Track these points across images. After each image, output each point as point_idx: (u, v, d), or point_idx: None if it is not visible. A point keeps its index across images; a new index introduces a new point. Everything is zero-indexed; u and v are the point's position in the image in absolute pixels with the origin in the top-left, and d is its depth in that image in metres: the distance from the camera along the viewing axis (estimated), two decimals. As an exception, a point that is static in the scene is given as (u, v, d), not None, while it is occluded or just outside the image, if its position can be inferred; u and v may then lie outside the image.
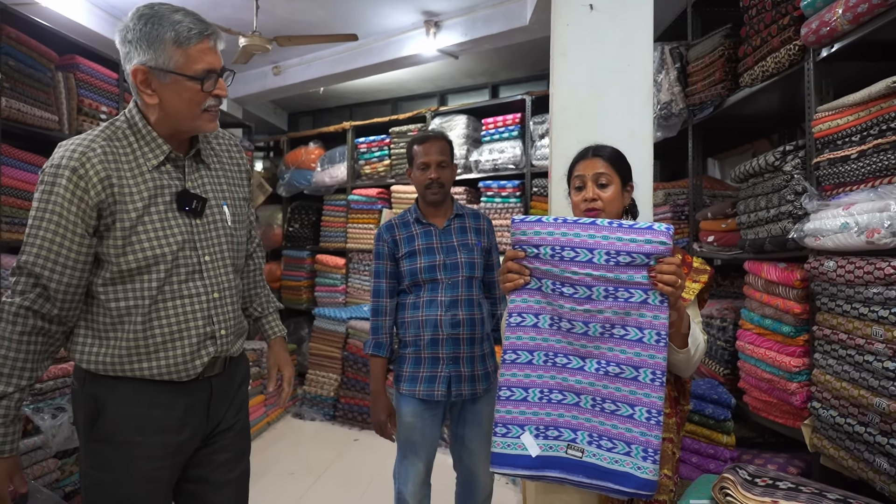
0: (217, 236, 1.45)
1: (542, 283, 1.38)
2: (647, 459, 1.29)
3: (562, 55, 2.15)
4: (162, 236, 1.35)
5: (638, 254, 1.30)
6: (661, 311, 1.31)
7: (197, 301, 1.41)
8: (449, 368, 2.12)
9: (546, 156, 4.26)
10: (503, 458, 1.37)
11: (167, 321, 1.37)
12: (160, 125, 1.38)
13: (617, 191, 1.55)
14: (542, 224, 1.36)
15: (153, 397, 1.38)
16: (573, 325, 1.36)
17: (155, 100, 1.34)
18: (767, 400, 2.13)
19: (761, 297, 2.16)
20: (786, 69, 2.05)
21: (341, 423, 4.60)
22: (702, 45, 2.68)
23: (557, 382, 1.38)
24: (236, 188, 1.56)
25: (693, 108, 2.81)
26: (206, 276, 1.42)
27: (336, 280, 5.43)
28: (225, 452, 1.52)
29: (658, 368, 1.30)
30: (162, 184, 1.38)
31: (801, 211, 1.92)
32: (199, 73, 1.32)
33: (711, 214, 2.65)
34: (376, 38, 4.83)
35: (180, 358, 1.39)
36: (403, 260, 2.17)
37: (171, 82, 1.32)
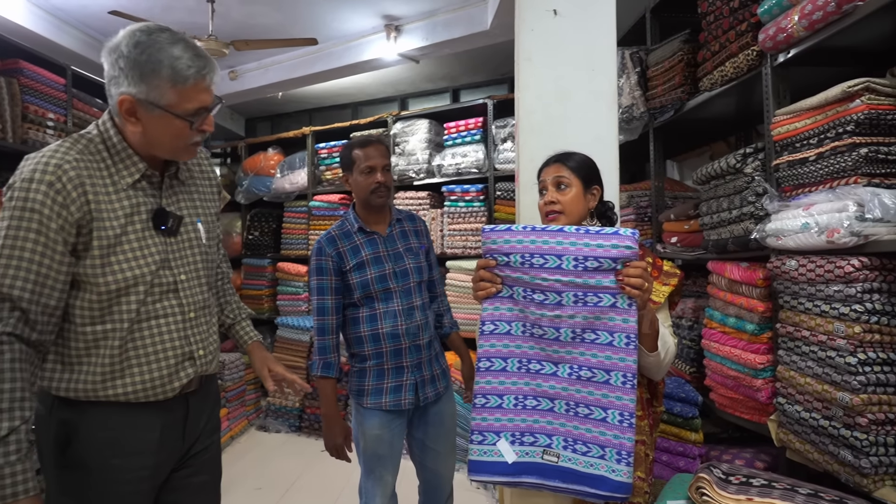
0: (192, 254, 1.41)
1: (513, 290, 1.40)
2: (621, 462, 1.30)
3: (527, 60, 2.16)
4: (140, 256, 1.30)
5: (605, 258, 1.33)
6: (630, 314, 1.33)
7: (173, 321, 1.36)
8: (414, 375, 2.11)
9: (509, 160, 4.28)
10: (480, 466, 1.38)
11: (142, 343, 1.31)
12: (138, 147, 1.32)
13: (577, 193, 1.57)
14: (511, 232, 1.39)
15: (129, 418, 1.32)
16: (545, 332, 1.38)
17: (138, 128, 1.28)
18: (733, 397, 2.18)
19: (725, 297, 2.21)
20: (744, 74, 2.10)
21: (307, 434, 4.52)
22: (661, 50, 2.73)
23: (532, 388, 1.39)
24: (209, 203, 1.51)
25: (654, 112, 2.86)
26: (182, 296, 1.38)
27: (298, 288, 5.33)
28: (201, 475, 1.47)
29: (629, 371, 1.33)
30: (138, 202, 1.32)
31: (763, 212, 1.97)
32: (190, 112, 1.27)
33: (674, 216, 2.70)
34: (336, 43, 4.78)
35: (157, 381, 1.33)
36: (352, 273, 2.09)
37: (158, 116, 1.26)
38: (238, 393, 4.55)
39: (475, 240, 4.36)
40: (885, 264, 1.55)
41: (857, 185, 1.58)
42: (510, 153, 4.28)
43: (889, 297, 1.55)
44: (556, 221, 1.55)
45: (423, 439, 2.21)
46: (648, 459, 1.53)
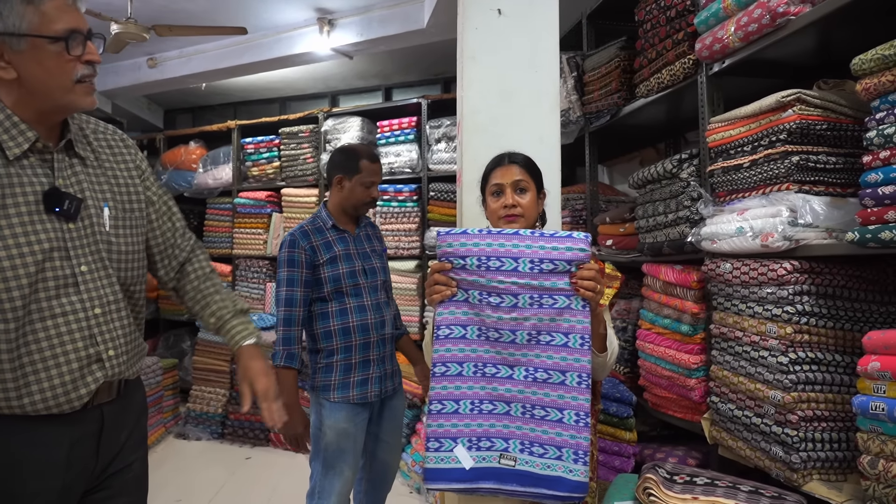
0: (95, 242, 1.23)
1: (468, 294, 1.39)
2: (578, 462, 1.31)
3: (471, 59, 2.13)
4: (23, 243, 1.12)
5: (560, 261, 1.34)
6: (584, 315, 1.36)
7: (74, 319, 1.19)
8: (379, 368, 2.20)
9: (443, 160, 4.26)
10: (437, 473, 1.36)
11: (37, 346, 1.15)
12: (21, 107, 1.15)
13: (533, 197, 1.59)
14: (467, 236, 1.39)
15: (30, 435, 1.16)
16: (501, 335, 1.38)
17: (11, 73, 1.12)
18: (667, 396, 2.24)
19: (660, 298, 2.26)
20: (680, 81, 2.16)
21: (231, 441, 4.33)
22: (598, 56, 2.78)
23: (488, 393, 1.38)
24: (123, 189, 1.33)
25: (590, 117, 2.91)
26: (84, 290, 1.20)
27: (222, 289, 5.10)
28: (120, 498, 1.31)
29: (584, 371, 1.34)
30: (20, 180, 1.15)
31: (698, 216, 2.03)
32: (60, 32, 1.12)
33: (609, 219, 2.75)
34: (265, 34, 4.59)
35: (59, 389, 1.17)
36: (324, 266, 2.16)
37: (28, 48, 1.11)
38: (155, 399, 4.30)
39: (408, 240, 4.31)
40: (813, 268, 1.62)
41: (789, 191, 1.65)
42: (444, 154, 4.26)
43: (817, 299, 1.62)
44: (515, 224, 1.54)
45: (378, 433, 2.30)
46: (594, 458, 1.54)
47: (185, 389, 4.75)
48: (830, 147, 1.66)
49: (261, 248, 4.94)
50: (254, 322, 1.57)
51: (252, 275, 4.97)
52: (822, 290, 1.62)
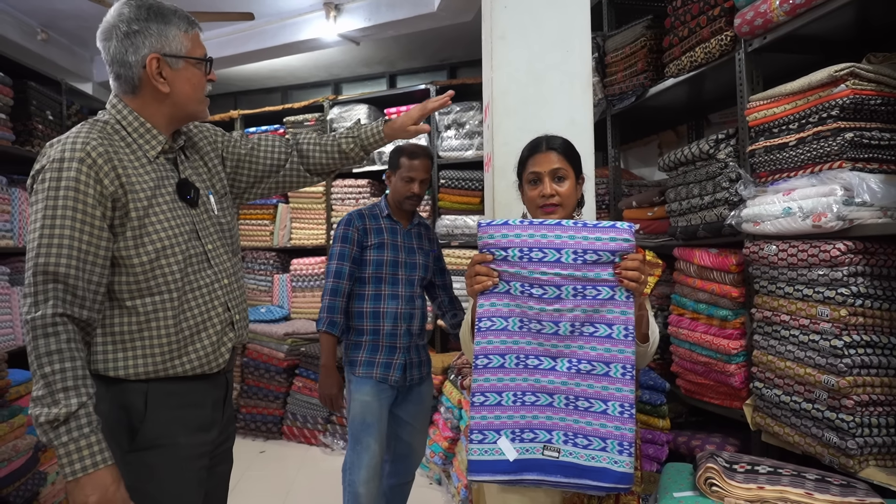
0: (212, 224, 1.45)
1: (510, 285, 1.38)
2: (623, 453, 1.29)
3: (501, 38, 2.06)
4: (175, 225, 1.34)
5: (604, 251, 1.33)
6: (628, 306, 1.34)
7: (214, 289, 1.40)
8: (404, 357, 2.30)
9: (453, 147, 4.19)
10: (481, 465, 1.35)
11: (192, 313, 1.35)
12: (155, 117, 1.37)
13: (572, 184, 1.54)
14: (508, 227, 1.37)
15: (185, 395, 1.35)
16: (543, 326, 1.36)
17: (167, 88, 1.34)
18: (703, 382, 2.19)
19: (694, 283, 2.21)
20: (716, 59, 2.10)
21: (243, 435, 4.27)
22: (622, 36, 2.71)
23: (530, 384, 1.37)
24: (216, 175, 1.54)
25: (612, 98, 2.84)
26: (214, 264, 1.42)
27: (228, 281, 5.03)
28: (224, 464, 1.51)
29: (628, 363, 1.33)
30: (163, 174, 1.37)
31: (737, 197, 1.97)
32: (202, 56, 1.39)
33: (636, 203, 2.69)
34: (269, 20, 4.49)
35: (210, 348, 1.37)
36: (371, 249, 2.31)
37: (182, 69, 1.35)
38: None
39: (419, 229, 4.26)
40: (868, 248, 1.57)
41: (842, 169, 1.60)
42: (454, 140, 4.19)
43: (872, 281, 1.57)
44: (554, 214, 1.51)
45: (402, 415, 2.38)
46: (637, 448, 1.51)
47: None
48: (884, 123, 1.60)
49: (267, 240, 4.88)
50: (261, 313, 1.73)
51: (259, 266, 4.90)
52: (878, 270, 1.58)
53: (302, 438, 4.11)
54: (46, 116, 3.63)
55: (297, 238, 4.76)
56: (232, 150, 1.60)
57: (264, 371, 4.26)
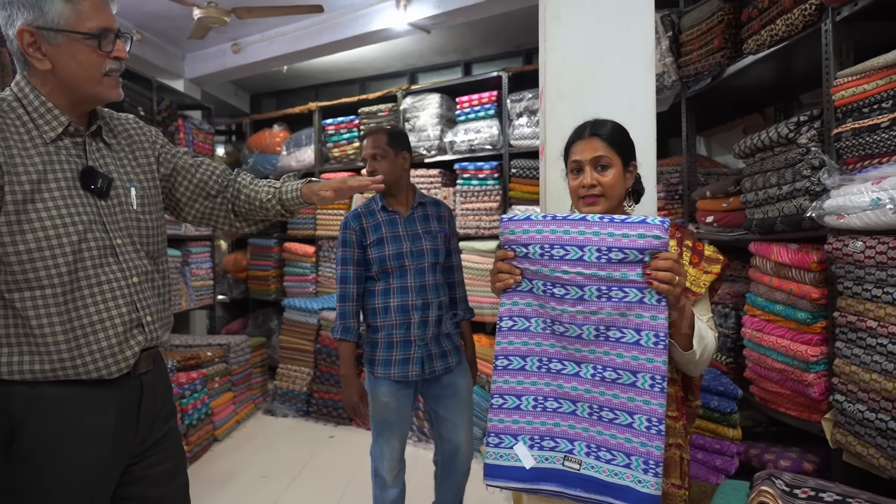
0: (125, 219, 1.33)
1: (533, 284, 1.30)
2: (648, 472, 1.18)
3: (555, 18, 1.94)
4: (65, 214, 1.21)
5: (631, 249, 1.20)
6: (659, 310, 1.21)
7: (117, 287, 1.28)
8: (421, 349, 2.22)
9: (525, 135, 4.07)
10: (496, 470, 1.30)
11: (86, 311, 1.24)
12: (55, 96, 1.25)
13: (618, 173, 1.39)
14: (530, 222, 1.29)
15: (81, 401, 1.24)
16: (566, 329, 1.27)
17: (47, 65, 1.22)
18: (778, 391, 2.00)
19: (770, 281, 2.01)
20: (799, 32, 1.88)
21: (315, 419, 4.38)
22: (698, 12, 2.50)
23: (552, 389, 1.29)
24: (145, 171, 1.43)
25: (687, 80, 2.64)
26: (122, 260, 1.30)
27: (306, 269, 5.18)
28: (165, 463, 1.40)
29: (658, 373, 1.20)
30: (59, 158, 1.24)
31: (820, 187, 1.76)
32: (93, 30, 1.22)
33: (710, 193, 2.49)
34: (342, 12, 4.53)
35: (108, 351, 1.25)
36: (371, 247, 2.24)
37: (63, 43, 1.21)
38: (244, 377, 4.42)
39: (489, 220, 4.18)
40: (973, 246, 1.35)
41: (943, 154, 1.38)
42: (526, 129, 4.07)
43: (978, 284, 1.35)
44: (596, 206, 1.38)
45: (438, 409, 2.33)
46: (684, 463, 1.38)
47: (272, 367, 4.87)
48: None
49: (342, 229, 4.97)
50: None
51: (334, 255, 4.99)
52: None
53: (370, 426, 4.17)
54: (138, 112, 3.86)
55: (370, 227, 4.82)
56: (170, 157, 1.50)
57: (335, 358, 4.34)
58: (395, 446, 2.28)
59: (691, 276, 1.37)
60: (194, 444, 3.57)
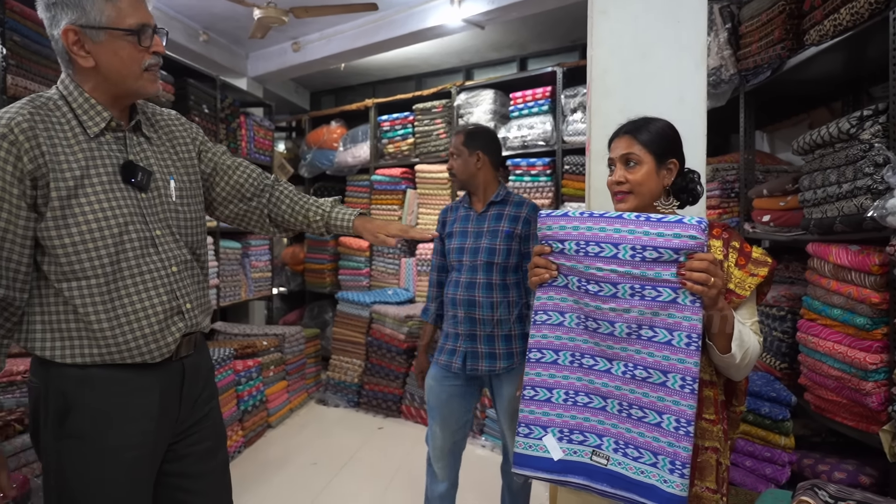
0: (164, 211, 1.39)
1: (568, 279, 1.32)
2: (675, 473, 1.17)
3: (602, 13, 1.91)
4: (107, 208, 1.27)
5: (665, 249, 1.19)
6: (693, 311, 1.19)
7: (157, 276, 1.34)
8: (465, 344, 2.24)
9: (579, 131, 4.02)
10: (525, 459, 1.33)
11: (129, 299, 1.30)
12: (98, 92, 1.30)
13: (649, 171, 1.39)
14: (567, 219, 1.31)
15: (127, 383, 1.31)
16: (599, 325, 1.28)
17: (90, 62, 1.26)
18: (834, 399, 1.90)
19: (829, 284, 1.91)
20: (864, 21, 1.78)
21: (365, 411, 4.48)
22: (758, 2, 2.40)
23: (584, 384, 1.31)
24: (185, 164, 1.48)
25: (745, 74, 2.54)
26: (162, 251, 1.36)
27: (360, 263, 5.28)
28: (205, 442, 1.46)
29: (688, 374, 1.19)
30: (101, 153, 1.29)
31: (883, 185, 1.67)
32: (133, 26, 1.26)
33: (768, 191, 2.39)
34: (398, 10, 4.59)
35: (150, 337, 1.31)
36: (448, 239, 2.37)
37: (106, 40, 1.25)
38: (298, 366, 4.55)
39: (541, 216, 4.14)
40: None
41: None
42: (580, 124, 4.01)
43: None
44: (625, 202, 1.40)
45: (496, 409, 2.35)
46: (721, 468, 1.34)
47: (326, 358, 4.99)
48: None
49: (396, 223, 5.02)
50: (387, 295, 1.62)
51: (387, 250, 5.08)
52: None
53: (419, 419, 4.22)
54: (203, 109, 4.03)
55: (423, 223, 4.86)
56: (211, 155, 1.56)
57: (386, 351, 4.42)
58: (436, 433, 2.31)
59: (736, 279, 1.34)
60: (249, 429, 3.71)
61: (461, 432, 2.34)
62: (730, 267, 1.35)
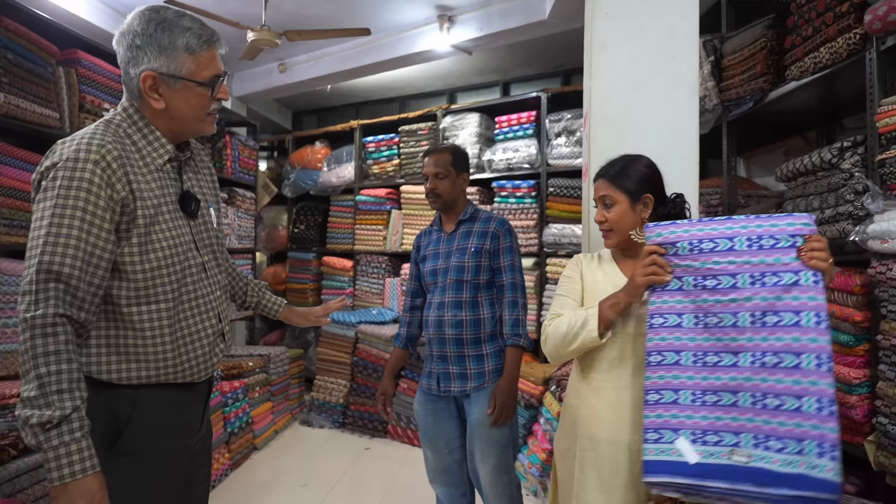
0: (209, 237, 1.46)
1: (682, 281, 1.34)
2: (824, 456, 1.14)
3: (601, 46, 2.02)
4: (175, 235, 1.34)
5: (782, 235, 1.26)
6: (818, 291, 1.23)
7: (207, 300, 1.41)
8: (438, 365, 2.23)
9: (563, 155, 4.14)
10: (658, 466, 1.27)
11: (187, 322, 1.36)
12: (161, 127, 1.36)
13: (624, 209, 1.54)
14: (676, 225, 1.36)
15: (174, 401, 1.36)
16: (720, 319, 1.30)
17: (161, 105, 1.32)
18: (820, 413, 2.00)
19: (813, 304, 2.02)
20: (843, 59, 1.92)
21: (351, 431, 4.46)
22: (740, 37, 2.55)
23: (710, 383, 1.29)
24: (214, 190, 1.58)
25: (728, 104, 2.68)
26: (210, 276, 1.43)
27: (344, 283, 5.30)
28: (203, 457, 1.52)
29: (823, 352, 1.20)
30: (166, 183, 1.36)
31: (863, 211, 1.79)
32: (208, 79, 1.33)
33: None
34: (387, 34, 4.69)
35: (201, 358, 1.38)
36: (421, 264, 2.37)
37: (180, 88, 1.32)
38: (283, 387, 4.53)
39: (525, 237, 4.23)
40: None
41: None
42: (564, 148, 4.14)
43: None
44: (609, 239, 1.56)
45: (467, 433, 2.26)
46: None
47: (309, 378, 4.97)
48: None
49: (380, 244, 5.07)
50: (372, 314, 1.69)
51: (372, 270, 5.11)
52: None
53: (405, 439, 4.23)
54: (190, 129, 4.03)
55: (408, 243, 4.90)
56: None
57: (372, 371, 4.43)
58: (427, 456, 2.31)
59: None
60: (236, 451, 3.67)
61: (454, 454, 2.28)
62: None
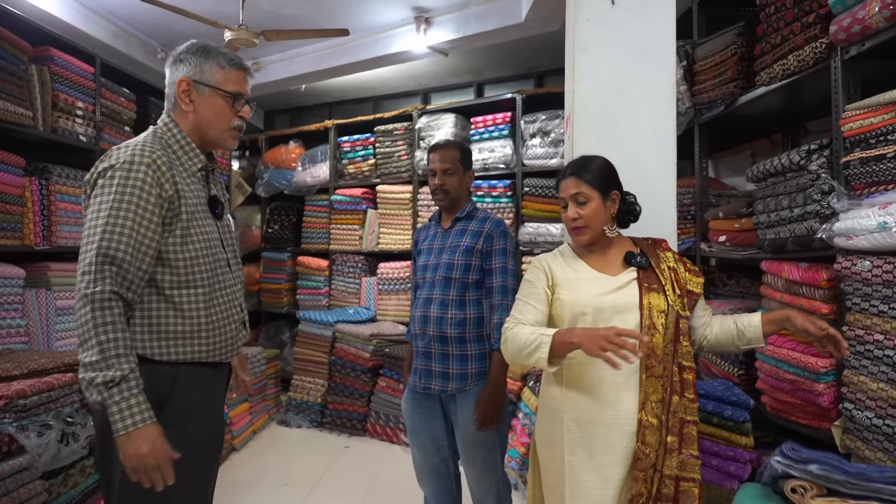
0: (230, 238, 1.68)
1: None
2: None
3: (583, 51, 2.09)
4: (207, 232, 1.55)
5: None
6: None
7: (232, 291, 1.62)
8: (423, 362, 2.22)
9: (538, 155, 4.22)
10: None
11: (219, 307, 1.56)
12: (191, 135, 1.58)
13: (597, 205, 1.61)
14: None
15: (207, 379, 1.56)
16: None
17: (190, 108, 1.55)
18: (789, 401, 2.12)
19: (782, 298, 2.14)
20: (809, 67, 2.03)
21: (329, 430, 4.47)
22: (711, 44, 2.66)
23: None
24: (227, 201, 1.78)
25: (700, 108, 2.79)
26: (233, 270, 1.64)
27: (319, 283, 5.30)
28: (221, 437, 1.71)
29: None
30: (199, 187, 1.59)
31: (829, 210, 1.90)
32: (232, 91, 1.57)
33: (723, 214, 2.63)
34: (363, 35, 4.71)
35: (229, 340, 1.59)
36: (417, 258, 2.39)
37: (208, 95, 1.55)
38: (260, 387, 4.51)
39: (502, 236, 4.30)
40: (972, 266, 1.48)
41: (945, 183, 1.52)
42: (539, 149, 4.22)
43: (977, 301, 1.48)
44: (583, 235, 1.61)
45: (455, 435, 2.26)
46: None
47: (285, 379, 4.95)
48: None
49: (356, 244, 5.09)
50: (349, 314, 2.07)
51: (348, 269, 5.12)
52: (984, 290, 1.48)
53: (384, 436, 4.26)
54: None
55: (384, 243, 4.93)
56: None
57: (350, 370, 4.44)
58: (414, 455, 2.30)
59: (690, 281, 1.64)
60: (215, 450, 3.65)
61: (441, 453, 2.26)
62: (683, 273, 1.63)
